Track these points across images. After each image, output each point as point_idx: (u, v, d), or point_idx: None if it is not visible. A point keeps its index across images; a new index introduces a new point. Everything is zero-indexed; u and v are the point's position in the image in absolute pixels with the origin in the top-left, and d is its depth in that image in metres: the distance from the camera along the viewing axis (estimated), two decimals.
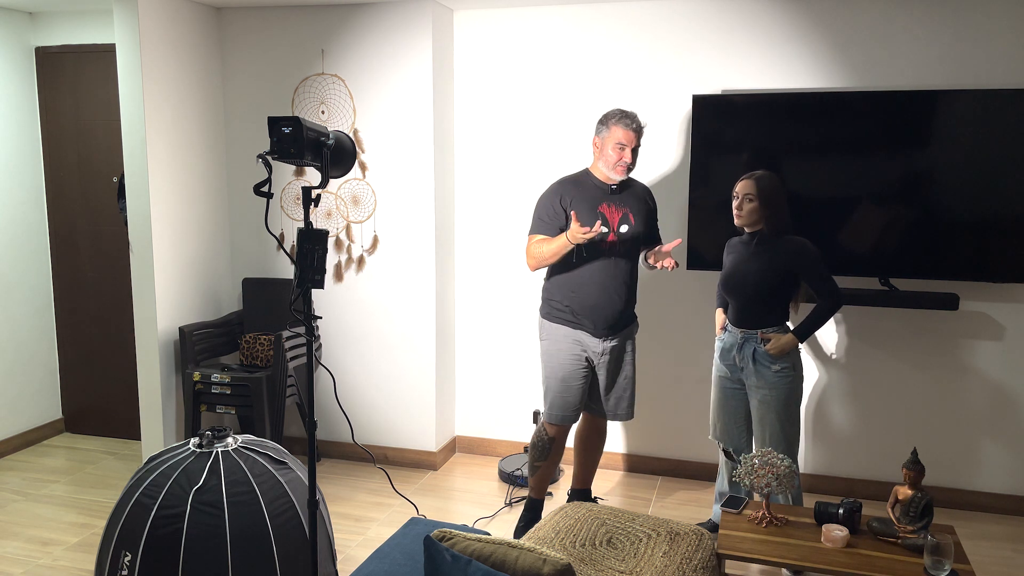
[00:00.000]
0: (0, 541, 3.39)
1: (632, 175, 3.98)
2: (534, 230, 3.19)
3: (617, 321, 3.21)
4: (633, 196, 3.23)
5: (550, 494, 3.85)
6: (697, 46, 3.80)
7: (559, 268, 3.20)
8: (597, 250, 3.14)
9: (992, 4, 3.45)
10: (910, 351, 3.72)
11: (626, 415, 3.35)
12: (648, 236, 3.30)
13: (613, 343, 3.24)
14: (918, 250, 3.49)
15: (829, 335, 3.81)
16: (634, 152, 3.12)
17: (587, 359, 3.23)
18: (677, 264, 3.13)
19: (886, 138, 3.46)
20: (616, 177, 3.14)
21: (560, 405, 3.24)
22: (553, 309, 3.23)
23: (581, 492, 3.54)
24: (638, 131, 3.11)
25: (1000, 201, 3.39)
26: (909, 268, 3.51)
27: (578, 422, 3.43)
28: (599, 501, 3.75)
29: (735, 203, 3.08)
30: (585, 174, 3.23)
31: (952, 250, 3.46)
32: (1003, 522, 3.63)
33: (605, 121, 3.15)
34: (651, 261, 3.19)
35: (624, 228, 3.15)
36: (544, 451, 3.32)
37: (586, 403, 3.36)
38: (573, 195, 3.15)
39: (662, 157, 3.91)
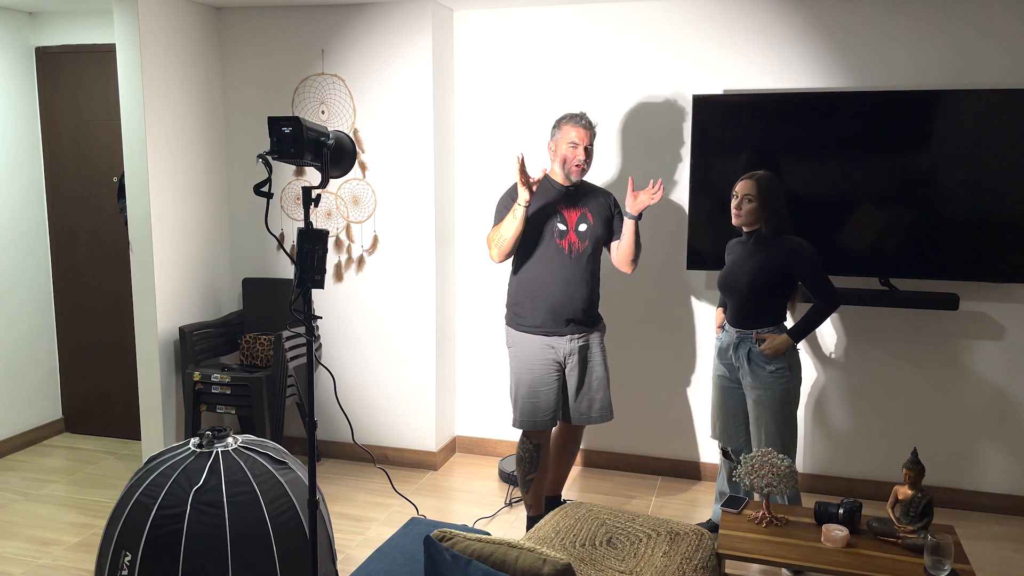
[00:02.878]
0: (0, 541, 3.39)
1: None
2: (493, 224, 3.21)
3: (581, 319, 3.22)
4: (592, 198, 3.26)
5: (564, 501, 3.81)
6: (697, 46, 3.80)
7: (520, 270, 3.21)
8: (557, 247, 3.15)
9: (992, 4, 3.45)
10: (910, 351, 3.72)
11: (601, 416, 3.31)
12: (608, 239, 3.30)
13: (580, 343, 3.23)
14: (918, 250, 3.49)
15: (829, 335, 3.82)
16: (587, 151, 3.15)
17: (557, 362, 3.22)
18: (661, 191, 3.09)
19: (886, 138, 3.46)
20: (572, 178, 3.16)
21: (530, 411, 3.21)
22: (517, 316, 3.23)
23: (552, 500, 3.53)
24: (588, 128, 3.14)
25: (1000, 201, 3.39)
26: (909, 268, 3.51)
27: (554, 430, 3.42)
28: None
29: (734, 203, 3.08)
30: (543, 177, 3.24)
31: (952, 250, 3.46)
32: (1003, 522, 3.63)
33: (557, 123, 3.19)
34: (631, 207, 3.13)
35: (583, 227, 3.17)
36: (533, 461, 3.27)
37: (577, 413, 3.33)
38: (537, 197, 3.16)
39: (662, 157, 3.91)
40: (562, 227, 3.15)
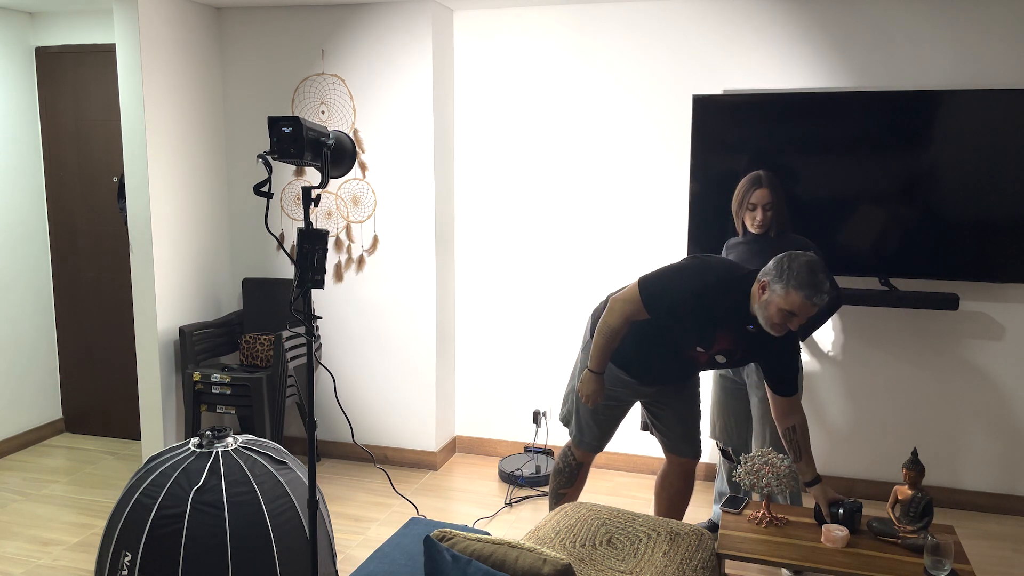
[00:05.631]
0: (0, 541, 3.39)
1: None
2: (646, 302, 2.65)
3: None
4: (768, 338, 2.62)
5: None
6: (697, 46, 3.80)
7: (641, 335, 2.81)
8: (687, 354, 2.76)
9: (992, 4, 3.45)
10: (910, 351, 3.72)
11: (694, 451, 3.00)
12: (763, 365, 2.71)
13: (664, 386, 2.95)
14: (918, 250, 3.49)
15: (829, 335, 3.81)
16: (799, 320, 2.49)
17: (625, 398, 2.93)
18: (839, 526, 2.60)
19: (886, 138, 3.46)
20: (769, 331, 2.54)
21: (588, 431, 2.96)
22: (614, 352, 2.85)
23: None
24: (817, 306, 2.43)
25: (1000, 201, 3.39)
26: (909, 268, 3.51)
27: (664, 465, 3.11)
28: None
29: (754, 212, 3.02)
30: (743, 290, 2.58)
31: (952, 250, 3.46)
32: (1003, 522, 3.63)
33: (785, 278, 2.43)
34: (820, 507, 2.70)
35: (719, 359, 2.72)
36: (571, 477, 3.04)
37: (668, 441, 3.04)
38: (711, 310, 2.60)
39: (662, 157, 3.91)
40: (702, 349, 2.70)
